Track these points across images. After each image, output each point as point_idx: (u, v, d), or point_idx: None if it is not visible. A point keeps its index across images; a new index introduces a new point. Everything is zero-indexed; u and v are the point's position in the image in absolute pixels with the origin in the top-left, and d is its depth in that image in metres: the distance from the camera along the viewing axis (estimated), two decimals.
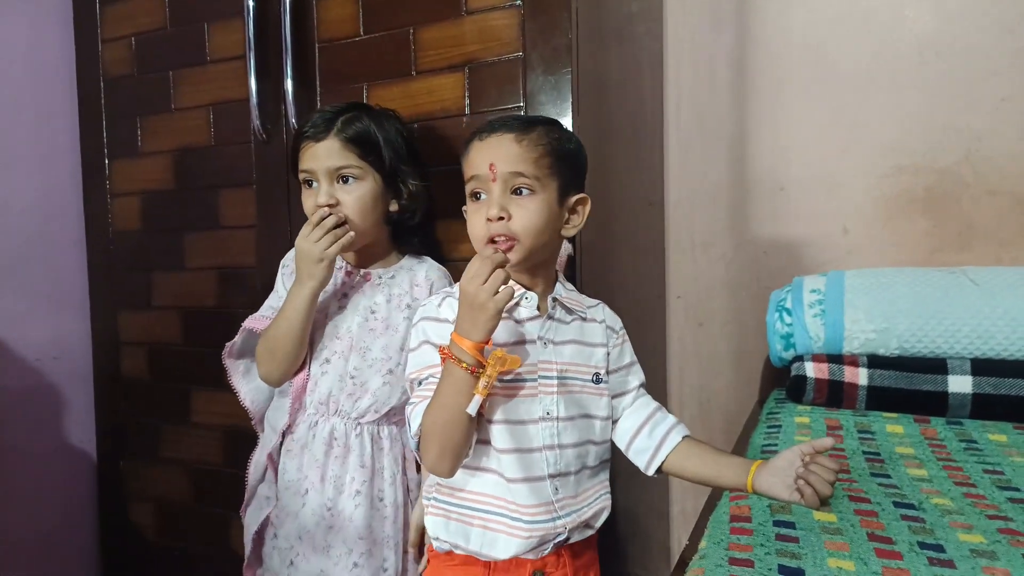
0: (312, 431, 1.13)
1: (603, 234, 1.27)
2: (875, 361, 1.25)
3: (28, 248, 1.59)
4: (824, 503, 0.80)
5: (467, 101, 1.21)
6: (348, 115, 1.11)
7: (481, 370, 0.79)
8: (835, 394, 1.25)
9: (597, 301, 1.00)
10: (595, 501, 0.93)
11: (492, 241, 0.86)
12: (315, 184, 1.11)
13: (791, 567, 0.66)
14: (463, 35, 1.20)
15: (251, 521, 1.20)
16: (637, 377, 0.99)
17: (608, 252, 1.32)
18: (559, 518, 0.88)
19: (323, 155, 1.09)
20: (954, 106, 1.46)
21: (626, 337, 1.00)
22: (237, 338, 1.20)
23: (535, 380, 0.89)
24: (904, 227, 1.51)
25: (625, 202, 1.45)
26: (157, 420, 1.57)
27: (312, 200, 1.10)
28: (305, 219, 1.11)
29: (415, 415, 0.86)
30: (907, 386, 1.20)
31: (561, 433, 0.89)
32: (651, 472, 0.94)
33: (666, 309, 1.76)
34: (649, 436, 0.94)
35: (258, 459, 1.20)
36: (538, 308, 0.91)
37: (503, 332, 0.87)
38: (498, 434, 0.87)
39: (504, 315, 0.82)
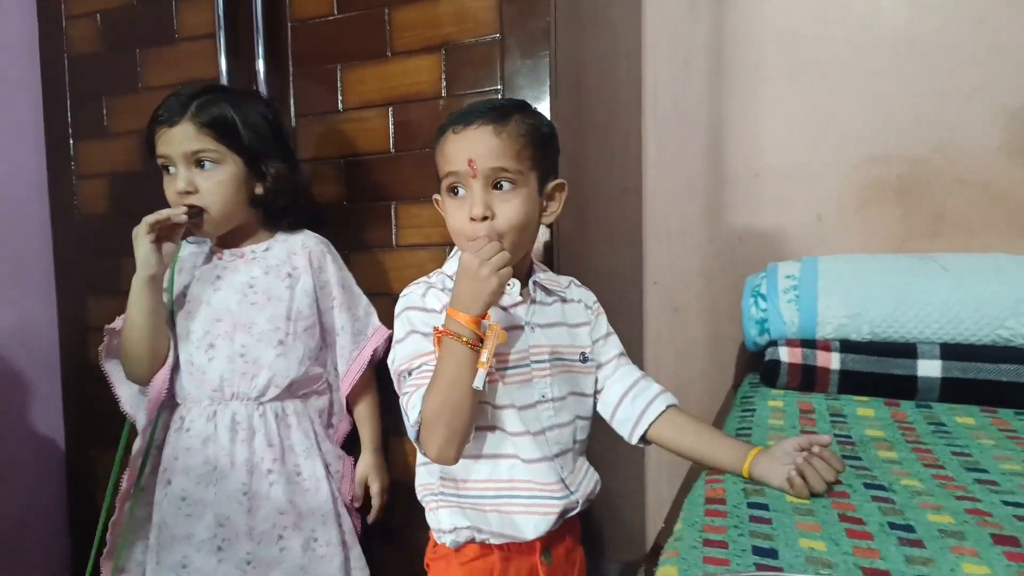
0: (212, 422, 1.10)
1: (579, 221, 1.26)
2: (847, 346, 1.27)
3: None
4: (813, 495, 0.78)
5: (444, 83, 1.19)
6: (203, 98, 1.08)
7: (480, 344, 0.78)
8: (808, 378, 1.27)
9: (569, 279, 1.00)
10: (588, 474, 0.95)
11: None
12: (173, 169, 1.09)
13: (764, 548, 0.66)
14: (439, 16, 1.19)
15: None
16: (615, 347, 0.98)
17: (584, 239, 1.32)
18: (571, 493, 0.89)
19: (178, 140, 1.07)
20: (927, 96, 1.48)
21: (601, 310, 1.00)
22: (105, 340, 1.17)
23: (528, 365, 0.89)
24: (877, 215, 1.53)
25: (602, 189, 1.44)
26: None
27: (172, 187, 1.09)
28: None
29: (412, 404, 0.83)
30: (878, 370, 1.22)
31: (558, 412, 0.90)
32: (635, 441, 0.94)
33: (642, 295, 1.76)
34: (632, 404, 0.94)
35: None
36: (520, 294, 0.90)
37: (492, 319, 0.86)
38: (508, 419, 0.87)
39: None
